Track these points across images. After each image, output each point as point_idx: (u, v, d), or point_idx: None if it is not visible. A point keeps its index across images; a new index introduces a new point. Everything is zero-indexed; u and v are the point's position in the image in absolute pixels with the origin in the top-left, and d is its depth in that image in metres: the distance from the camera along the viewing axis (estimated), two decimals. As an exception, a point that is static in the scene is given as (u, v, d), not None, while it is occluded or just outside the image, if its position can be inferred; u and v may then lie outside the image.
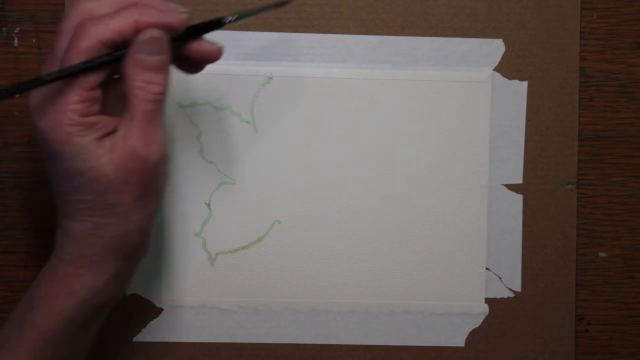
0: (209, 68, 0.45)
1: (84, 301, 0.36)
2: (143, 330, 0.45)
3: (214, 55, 0.37)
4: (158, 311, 0.45)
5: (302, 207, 0.45)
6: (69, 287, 0.36)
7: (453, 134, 0.45)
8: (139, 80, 0.34)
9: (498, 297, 0.46)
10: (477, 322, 0.46)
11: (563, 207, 0.46)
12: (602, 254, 0.46)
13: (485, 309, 0.46)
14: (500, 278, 0.46)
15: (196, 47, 0.37)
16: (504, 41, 0.45)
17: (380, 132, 0.45)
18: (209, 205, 0.45)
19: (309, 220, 0.45)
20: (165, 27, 0.34)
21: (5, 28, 0.44)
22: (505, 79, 0.45)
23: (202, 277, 0.45)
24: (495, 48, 0.45)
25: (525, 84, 0.45)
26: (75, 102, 0.33)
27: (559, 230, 0.46)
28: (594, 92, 0.46)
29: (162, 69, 0.34)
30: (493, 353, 0.46)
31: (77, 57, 0.33)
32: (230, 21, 0.37)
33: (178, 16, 0.35)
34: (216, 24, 0.36)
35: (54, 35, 0.35)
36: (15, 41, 0.45)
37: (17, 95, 0.31)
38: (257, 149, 0.45)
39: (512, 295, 0.46)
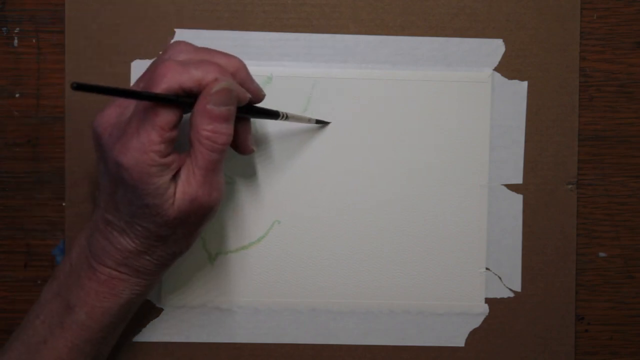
0: (209, 68, 0.45)
1: (126, 302, 0.39)
2: (143, 330, 0.45)
3: (246, 151, 0.40)
4: (158, 311, 0.45)
5: (302, 207, 0.45)
6: (113, 289, 0.38)
7: (453, 134, 0.45)
8: (207, 130, 0.35)
9: (498, 297, 0.46)
10: (477, 322, 0.46)
11: (563, 207, 0.46)
12: (602, 254, 0.46)
13: (485, 309, 0.46)
14: (500, 278, 0.46)
15: (244, 133, 0.40)
16: (504, 41, 0.45)
17: (380, 132, 0.45)
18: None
19: (309, 220, 0.45)
20: (235, 95, 0.36)
21: (5, 28, 0.44)
22: (505, 79, 0.45)
23: (202, 277, 0.45)
24: (495, 48, 0.45)
25: (525, 84, 0.45)
26: (157, 142, 0.34)
27: (559, 230, 0.46)
28: (594, 92, 0.46)
29: (229, 120, 0.36)
30: (493, 353, 0.46)
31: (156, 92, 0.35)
32: (282, 118, 0.41)
33: (247, 95, 0.37)
34: (272, 115, 0.41)
35: (146, 70, 0.37)
36: (15, 41, 0.45)
37: (97, 93, 0.32)
38: (257, 148, 0.45)
39: (512, 295, 0.46)
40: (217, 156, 0.36)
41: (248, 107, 0.39)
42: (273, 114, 0.41)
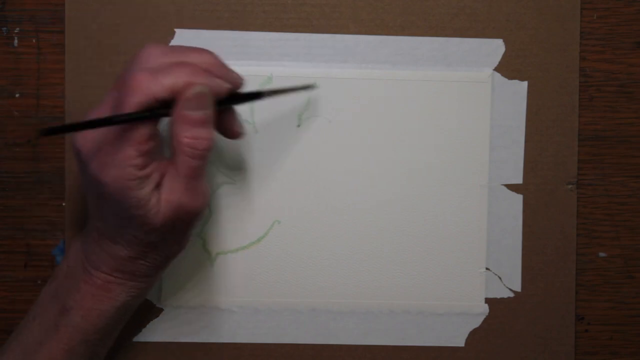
0: (209, 68, 0.45)
1: (123, 305, 0.39)
2: (143, 330, 0.45)
3: (234, 136, 0.40)
4: (158, 311, 0.45)
5: (302, 207, 0.45)
6: (109, 292, 0.38)
7: (453, 134, 0.45)
8: (186, 136, 0.35)
9: (498, 297, 0.46)
10: (477, 322, 0.46)
11: (563, 207, 0.46)
12: (602, 254, 0.46)
13: (485, 309, 0.46)
14: (500, 278, 0.46)
15: (229, 119, 0.39)
16: (504, 41, 0.45)
17: (380, 132, 0.45)
18: (209, 206, 0.45)
19: (309, 220, 0.45)
20: (213, 92, 0.36)
21: (5, 28, 0.44)
22: (505, 79, 0.45)
23: (202, 277, 0.45)
24: (495, 48, 0.45)
25: (525, 84, 0.45)
26: (134, 157, 0.34)
27: (559, 230, 0.46)
28: (594, 92, 0.46)
29: (207, 124, 0.36)
30: (493, 353, 0.46)
31: (129, 110, 0.34)
32: (266, 96, 0.40)
33: (225, 85, 0.37)
34: (256, 96, 0.39)
35: (116, 80, 0.36)
36: (15, 41, 0.45)
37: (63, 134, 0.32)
38: (257, 149, 0.45)
39: (512, 295, 0.46)
40: (199, 162, 0.36)
41: (230, 97, 0.38)
42: (256, 96, 0.39)
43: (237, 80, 0.38)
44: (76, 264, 0.39)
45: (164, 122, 0.38)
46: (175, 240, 0.38)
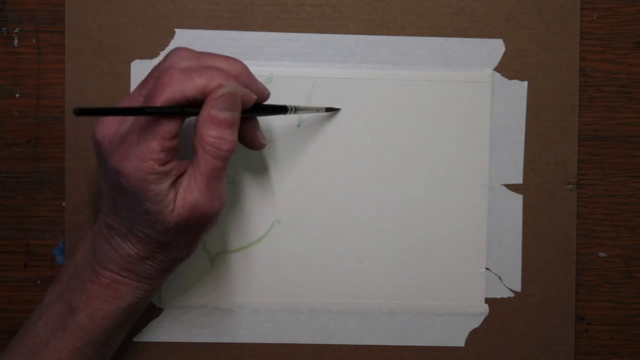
0: (209, 68, 0.45)
1: (129, 306, 0.39)
2: (143, 330, 0.45)
3: (257, 147, 0.41)
4: (158, 311, 0.45)
5: (302, 207, 0.45)
6: (115, 293, 0.38)
7: (453, 134, 0.45)
8: (211, 136, 0.35)
9: (498, 297, 0.46)
10: (477, 322, 0.46)
11: (563, 207, 0.46)
12: (602, 254, 0.46)
13: (485, 309, 0.46)
14: (500, 278, 0.46)
15: (252, 129, 0.40)
16: (504, 41, 0.45)
17: (380, 132, 0.45)
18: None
19: (309, 220, 0.45)
20: (242, 102, 0.36)
21: (5, 28, 0.44)
22: (505, 79, 0.45)
23: (202, 277, 0.45)
24: (495, 48, 0.45)
25: (525, 84, 0.45)
26: (157, 151, 0.34)
27: (559, 230, 0.46)
28: (594, 92, 0.46)
29: (233, 126, 0.36)
30: (493, 353, 0.46)
31: (160, 104, 0.34)
32: (290, 112, 0.41)
33: (252, 95, 0.37)
34: (280, 110, 0.40)
35: (146, 77, 0.37)
36: (15, 41, 0.45)
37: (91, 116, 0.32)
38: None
39: (512, 295, 0.46)
40: (221, 163, 0.36)
41: (255, 107, 0.39)
42: (281, 109, 0.40)
43: (263, 92, 0.39)
44: (83, 264, 0.39)
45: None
46: (185, 242, 0.38)
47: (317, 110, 0.43)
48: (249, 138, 0.40)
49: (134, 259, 0.37)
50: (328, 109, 0.44)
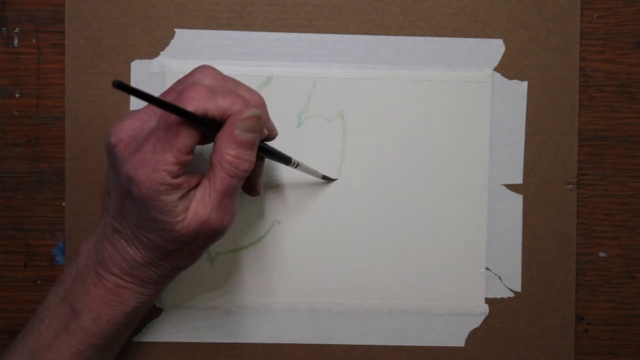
0: (209, 68, 0.45)
1: (132, 310, 0.39)
2: (143, 330, 0.45)
3: (252, 193, 0.41)
4: (158, 311, 0.45)
5: (302, 207, 0.45)
6: (119, 297, 0.38)
7: (453, 134, 0.45)
8: (230, 154, 0.35)
9: (498, 297, 0.46)
10: (477, 322, 0.46)
11: (563, 207, 0.46)
12: (602, 254, 0.46)
13: (485, 309, 0.46)
14: (500, 278, 0.46)
15: (256, 174, 0.40)
16: (504, 41, 0.45)
17: (380, 132, 0.45)
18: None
19: (309, 220, 0.45)
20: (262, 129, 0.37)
21: (5, 28, 0.44)
22: (505, 79, 0.45)
23: (202, 277, 0.45)
24: (495, 48, 0.45)
25: (525, 84, 0.45)
26: (171, 163, 0.34)
27: (559, 230, 0.46)
28: (594, 92, 0.46)
29: (253, 148, 0.36)
30: (493, 353, 0.46)
31: (181, 118, 0.34)
32: (292, 165, 0.41)
33: (274, 130, 0.39)
34: (285, 160, 0.41)
35: (169, 89, 0.37)
36: (15, 41, 0.45)
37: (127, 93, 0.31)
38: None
39: (512, 295, 0.46)
40: (237, 182, 0.36)
41: (263, 146, 0.39)
42: (286, 159, 0.41)
43: (273, 131, 0.40)
44: (87, 267, 0.39)
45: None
46: (190, 253, 0.38)
47: (315, 173, 0.44)
48: (251, 181, 0.40)
49: (138, 264, 0.37)
50: (325, 177, 0.44)
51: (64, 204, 0.45)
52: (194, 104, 0.34)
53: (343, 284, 0.45)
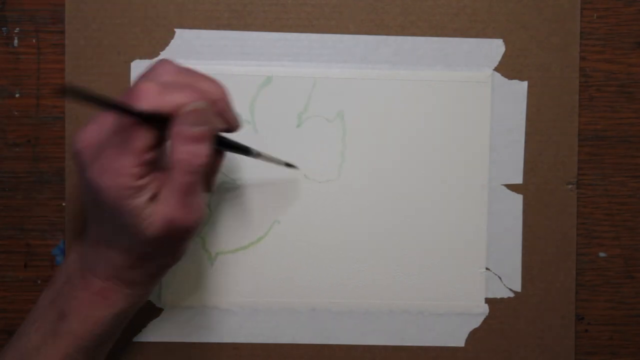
0: (209, 68, 0.45)
1: (121, 311, 0.38)
2: (143, 330, 0.45)
3: (205, 190, 0.39)
4: (158, 311, 0.45)
5: (302, 207, 0.45)
6: (106, 299, 0.38)
7: (453, 134, 0.45)
8: (181, 152, 0.35)
9: (498, 297, 0.46)
10: (477, 322, 0.46)
11: (563, 207, 0.46)
12: (602, 254, 0.46)
13: (485, 309, 0.46)
14: (500, 278, 0.46)
15: (212, 168, 0.40)
16: (504, 41, 0.45)
17: (380, 132, 0.45)
18: (209, 205, 0.45)
19: (309, 220, 0.45)
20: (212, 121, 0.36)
21: (5, 28, 0.44)
22: (505, 79, 0.45)
23: (202, 277, 0.45)
24: (495, 48, 0.45)
25: (525, 84, 0.45)
26: (133, 165, 0.34)
27: (559, 230, 0.46)
28: (594, 92, 0.46)
29: (204, 140, 0.35)
30: (493, 353, 0.46)
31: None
32: (253, 155, 0.41)
33: (220, 126, 0.37)
34: (244, 150, 0.40)
35: (128, 89, 0.36)
36: (15, 41, 0.45)
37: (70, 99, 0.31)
38: (257, 148, 0.45)
39: (512, 295, 0.46)
40: (194, 178, 0.35)
41: (221, 138, 0.38)
42: (244, 150, 0.40)
43: (235, 123, 0.38)
44: (74, 270, 0.38)
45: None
46: (169, 252, 0.38)
47: (277, 162, 0.43)
48: (205, 175, 0.39)
49: (121, 267, 0.37)
50: (288, 165, 0.44)
51: (64, 204, 0.45)
52: (144, 102, 0.34)
53: (343, 284, 0.45)
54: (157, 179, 0.35)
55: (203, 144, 0.35)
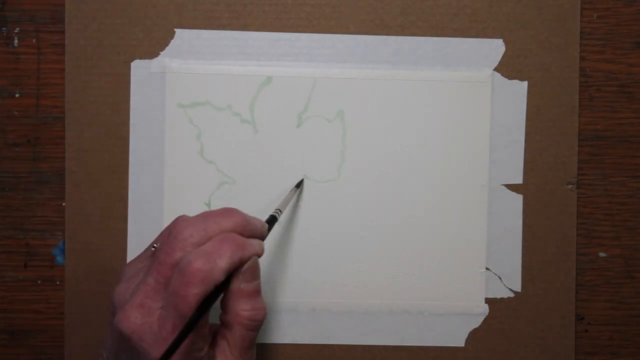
0: (209, 68, 0.45)
1: None
2: (143, 330, 0.45)
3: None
4: (158, 311, 0.45)
5: (302, 207, 0.45)
6: None
7: (453, 134, 0.45)
8: (244, 309, 0.35)
9: (498, 297, 0.46)
10: (477, 322, 0.46)
11: (563, 207, 0.46)
12: (602, 254, 0.46)
13: (485, 309, 0.46)
14: (500, 278, 0.46)
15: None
16: (504, 41, 0.45)
17: (380, 132, 0.45)
18: (209, 205, 0.45)
19: (309, 220, 0.45)
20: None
21: (5, 28, 0.44)
22: (505, 79, 0.45)
23: (202, 277, 0.45)
24: (495, 48, 0.45)
25: (525, 84, 0.45)
26: (196, 342, 0.34)
27: (559, 230, 0.46)
28: (594, 92, 0.46)
29: (260, 293, 0.36)
30: (493, 353, 0.46)
31: (194, 302, 0.33)
32: (278, 215, 0.41)
33: (261, 248, 0.37)
34: (272, 221, 0.40)
35: (156, 261, 0.35)
36: (15, 41, 0.45)
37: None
38: (257, 149, 0.45)
39: (512, 295, 0.46)
40: (255, 333, 0.36)
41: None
42: (270, 222, 0.40)
43: (264, 231, 0.38)
44: None
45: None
46: None
47: (292, 194, 0.43)
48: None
49: None
50: (297, 185, 0.44)
51: (64, 204, 0.45)
52: (200, 285, 0.33)
53: (343, 284, 0.45)
54: (203, 348, 0.35)
55: (260, 296, 0.36)
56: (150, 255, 0.38)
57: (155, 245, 0.38)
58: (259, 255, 0.37)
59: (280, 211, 0.41)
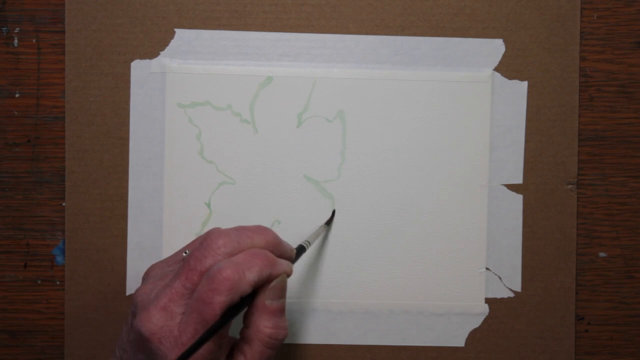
0: (208, 68, 0.45)
1: None
2: (143, 330, 0.45)
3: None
4: (158, 311, 0.45)
5: (302, 207, 0.45)
6: None
7: (453, 134, 0.45)
8: (268, 327, 0.35)
9: (498, 297, 0.46)
10: (477, 322, 0.46)
11: (563, 207, 0.46)
12: (602, 254, 0.46)
13: (485, 309, 0.46)
14: (500, 278, 0.46)
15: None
16: (504, 41, 0.45)
17: (380, 132, 0.45)
18: (209, 205, 0.45)
19: (308, 220, 0.45)
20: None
21: (5, 28, 0.44)
22: (505, 79, 0.45)
23: (202, 277, 0.45)
24: (495, 48, 0.45)
25: (525, 84, 0.45)
26: (215, 350, 0.34)
27: (559, 230, 0.46)
28: (594, 92, 0.46)
29: (284, 312, 0.36)
30: (493, 353, 0.46)
31: (219, 309, 0.33)
32: (307, 246, 0.41)
33: (290, 268, 0.37)
34: (301, 251, 0.40)
35: (186, 266, 0.35)
36: (15, 41, 0.45)
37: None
38: (257, 149, 0.45)
39: (512, 295, 0.46)
40: (273, 352, 0.36)
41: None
42: (299, 251, 0.40)
43: (291, 255, 0.39)
44: None
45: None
46: None
47: (324, 228, 0.44)
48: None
49: None
50: (327, 222, 0.45)
51: (64, 204, 0.45)
52: (227, 293, 0.33)
53: (343, 284, 0.45)
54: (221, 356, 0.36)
55: (284, 316, 0.36)
56: (180, 260, 0.39)
57: (187, 251, 0.39)
58: (288, 275, 0.37)
59: (309, 243, 0.41)
